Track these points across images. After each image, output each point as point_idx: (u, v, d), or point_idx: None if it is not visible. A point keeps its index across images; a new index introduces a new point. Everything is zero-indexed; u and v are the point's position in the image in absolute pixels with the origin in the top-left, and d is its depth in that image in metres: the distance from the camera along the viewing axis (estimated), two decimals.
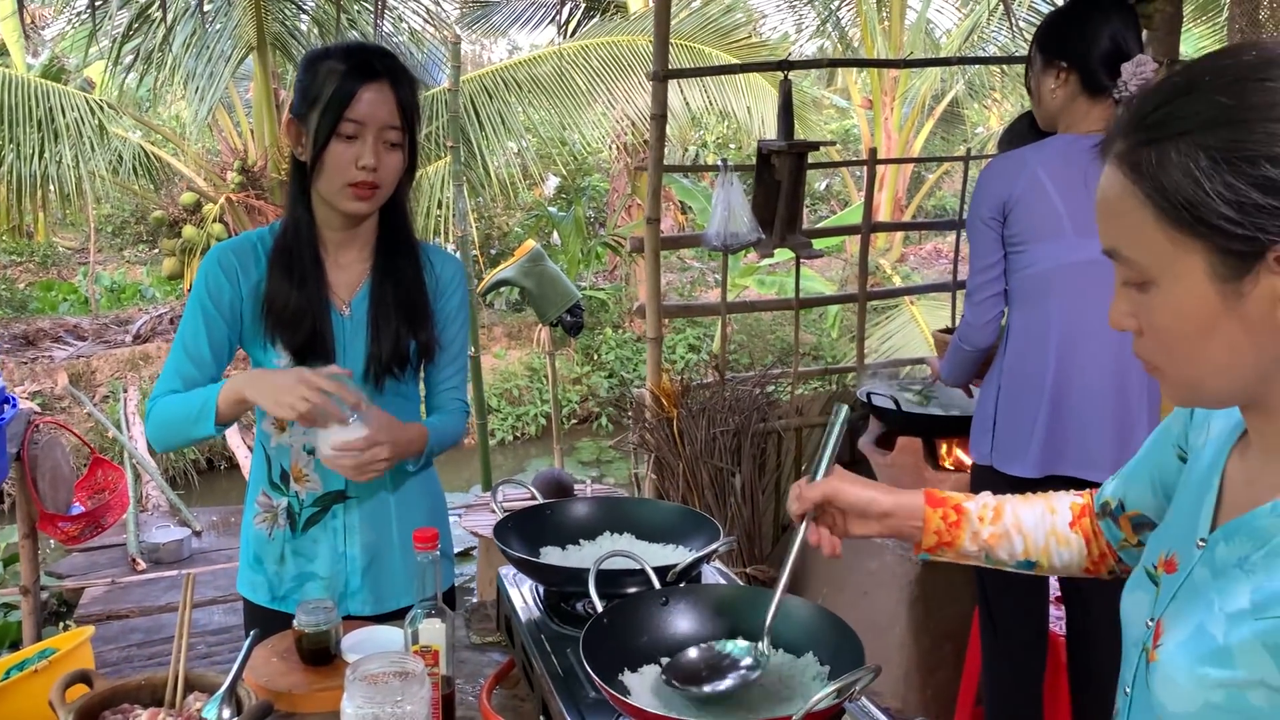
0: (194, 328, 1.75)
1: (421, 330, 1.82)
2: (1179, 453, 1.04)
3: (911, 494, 1.21)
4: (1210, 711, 0.82)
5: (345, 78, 1.66)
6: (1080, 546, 1.19)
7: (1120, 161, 0.83)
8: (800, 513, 1.20)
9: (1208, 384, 0.85)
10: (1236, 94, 0.77)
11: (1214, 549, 0.88)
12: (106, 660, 3.71)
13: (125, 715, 1.43)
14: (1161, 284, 0.82)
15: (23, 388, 7.83)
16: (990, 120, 14.13)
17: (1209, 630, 0.83)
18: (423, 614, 1.40)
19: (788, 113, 3.21)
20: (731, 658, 1.23)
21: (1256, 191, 0.75)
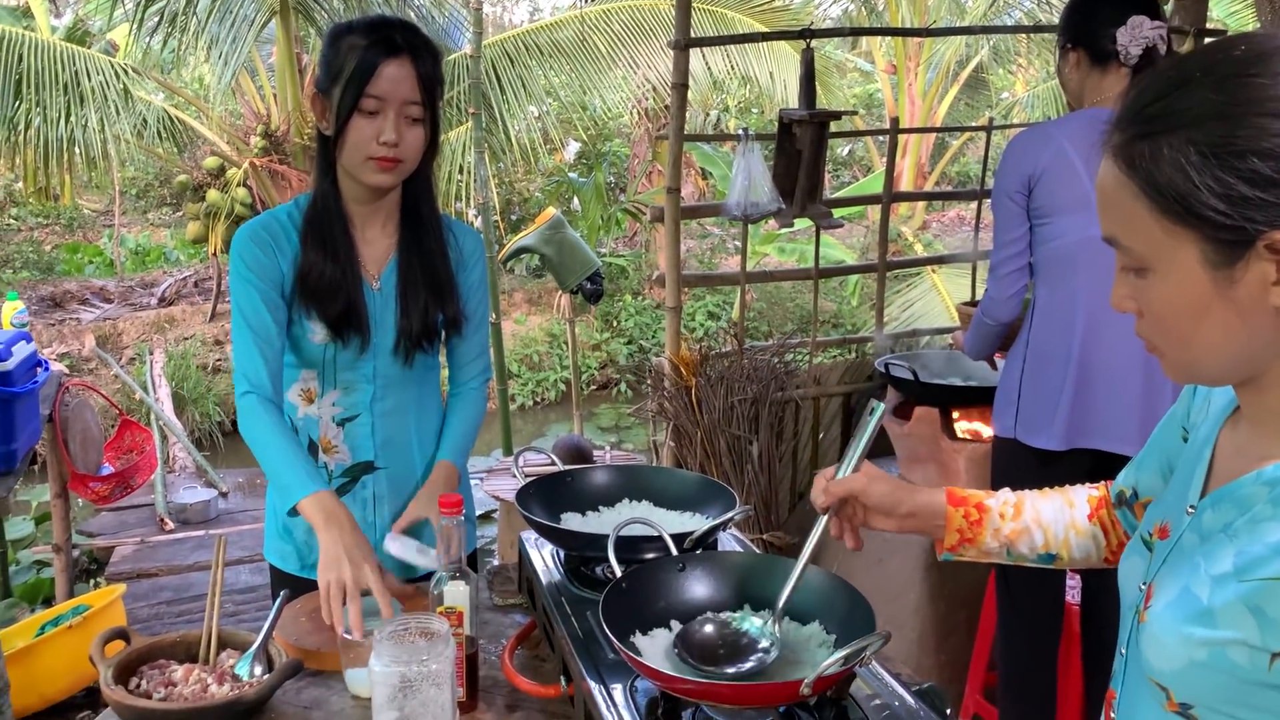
0: (252, 306, 1.73)
1: (449, 304, 1.85)
2: (1184, 434, 1.07)
3: (933, 493, 1.23)
4: (1194, 669, 0.86)
5: (366, 52, 1.67)
6: (1099, 537, 1.22)
7: (1116, 155, 0.86)
8: (825, 506, 1.22)
9: (1203, 364, 0.88)
10: (1226, 89, 0.81)
11: (1201, 515, 0.92)
12: (137, 617, 3.80)
13: (162, 670, 1.48)
14: (1158, 270, 0.86)
15: (51, 349, 7.94)
16: (1015, 86, 13.97)
17: (1194, 592, 0.87)
18: (447, 577, 1.44)
19: (810, 82, 3.20)
20: (749, 637, 1.26)
21: (1244, 185, 0.79)
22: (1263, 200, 0.79)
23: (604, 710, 1.25)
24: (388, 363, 1.83)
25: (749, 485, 3.26)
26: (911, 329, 6.96)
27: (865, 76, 14.95)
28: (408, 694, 1.28)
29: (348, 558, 1.53)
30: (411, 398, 1.90)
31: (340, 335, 1.77)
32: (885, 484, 1.21)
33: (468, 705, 1.47)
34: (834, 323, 10.02)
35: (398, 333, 1.82)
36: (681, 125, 3.24)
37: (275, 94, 8.39)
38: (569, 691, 1.40)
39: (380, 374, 1.84)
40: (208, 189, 8.05)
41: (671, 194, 3.27)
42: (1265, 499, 0.86)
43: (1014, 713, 2.52)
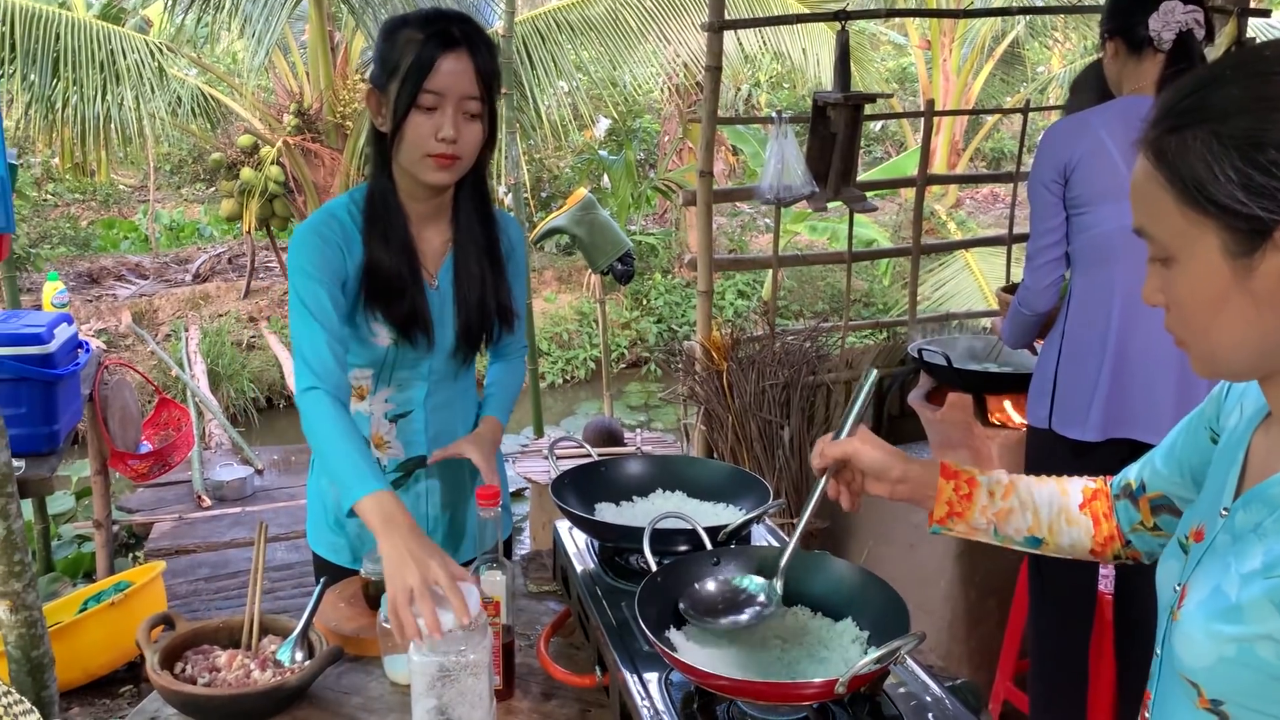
0: (318, 302, 1.66)
1: (503, 300, 1.84)
2: (1211, 435, 1.08)
3: (927, 463, 1.26)
4: (1223, 665, 0.88)
5: (424, 47, 1.63)
6: (1088, 528, 1.24)
7: (1148, 149, 0.90)
8: (821, 468, 1.26)
9: (1222, 356, 0.91)
10: (1251, 86, 0.85)
11: (1234, 516, 0.94)
12: (176, 593, 3.87)
13: (206, 655, 1.51)
14: (1181, 260, 0.89)
15: (88, 325, 8.04)
16: (1052, 61, 13.76)
17: (1224, 590, 0.90)
18: (485, 567, 1.47)
19: (844, 64, 3.18)
20: (748, 593, 1.32)
21: (1261, 174, 0.82)
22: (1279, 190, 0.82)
23: (639, 701, 1.26)
24: (444, 360, 1.83)
25: (780, 470, 3.26)
26: (945, 311, 6.92)
27: (898, 50, 14.77)
28: (446, 684, 1.30)
29: (412, 559, 1.39)
30: (459, 391, 1.90)
31: (408, 337, 1.75)
32: (879, 449, 1.24)
33: (504, 693, 1.49)
34: (865, 302, 9.97)
35: (457, 332, 1.80)
36: (715, 108, 3.22)
37: (308, 72, 8.42)
38: (604, 681, 1.42)
39: (435, 371, 1.83)
40: (242, 167, 8.10)
41: (704, 177, 3.26)
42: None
43: (1045, 700, 2.52)
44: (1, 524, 2.52)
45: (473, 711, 1.32)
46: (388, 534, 1.45)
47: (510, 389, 1.96)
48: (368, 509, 1.49)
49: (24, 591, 2.56)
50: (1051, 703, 2.51)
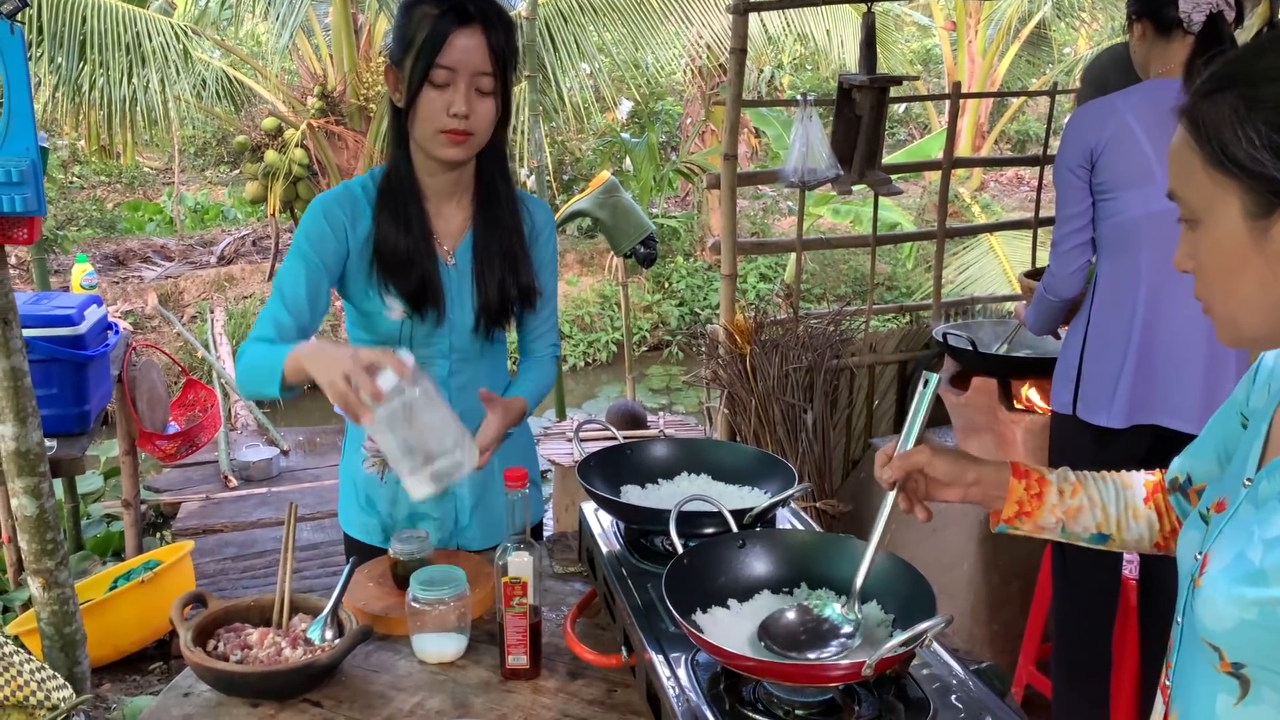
0: (294, 276, 1.73)
1: (523, 279, 1.84)
2: (1242, 420, 1.10)
3: (998, 465, 1.25)
4: (1245, 628, 0.91)
5: (438, 22, 1.65)
6: (1153, 521, 1.24)
7: (1183, 114, 0.94)
8: (892, 482, 1.23)
9: (1243, 318, 0.94)
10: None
11: (1258, 486, 0.96)
12: (204, 572, 3.92)
13: (237, 633, 1.54)
14: (1206, 222, 0.93)
15: (115, 307, 8.12)
16: (1078, 42, 13.61)
17: (1248, 555, 0.92)
18: (512, 548, 1.48)
19: (870, 46, 3.16)
20: (830, 623, 1.26)
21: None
22: None
23: (665, 682, 1.28)
24: (464, 338, 1.84)
25: (803, 453, 3.27)
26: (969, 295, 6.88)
27: (923, 31, 14.64)
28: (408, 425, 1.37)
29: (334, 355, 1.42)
30: (484, 371, 1.90)
31: (417, 310, 1.76)
32: (949, 456, 1.23)
33: (530, 672, 1.51)
34: (889, 285, 9.93)
35: (477, 309, 1.81)
36: (739, 91, 3.21)
37: (331, 54, 8.43)
38: (630, 662, 1.43)
39: (455, 349, 1.84)
40: (266, 149, 8.14)
41: (728, 160, 3.25)
42: None
43: (1068, 685, 2.52)
44: (34, 503, 2.56)
45: (444, 439, 1.40)
46: (311, 354, 1.48)
47: (539, 384, 1.94)
48: (290, 357, 1.53)
49: (56, 569, 2.61)
50: (1075, 687, 2.51)
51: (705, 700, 1.23)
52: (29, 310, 2.89)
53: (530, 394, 1.89)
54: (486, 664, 1.55)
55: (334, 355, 1.42)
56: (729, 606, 1.34)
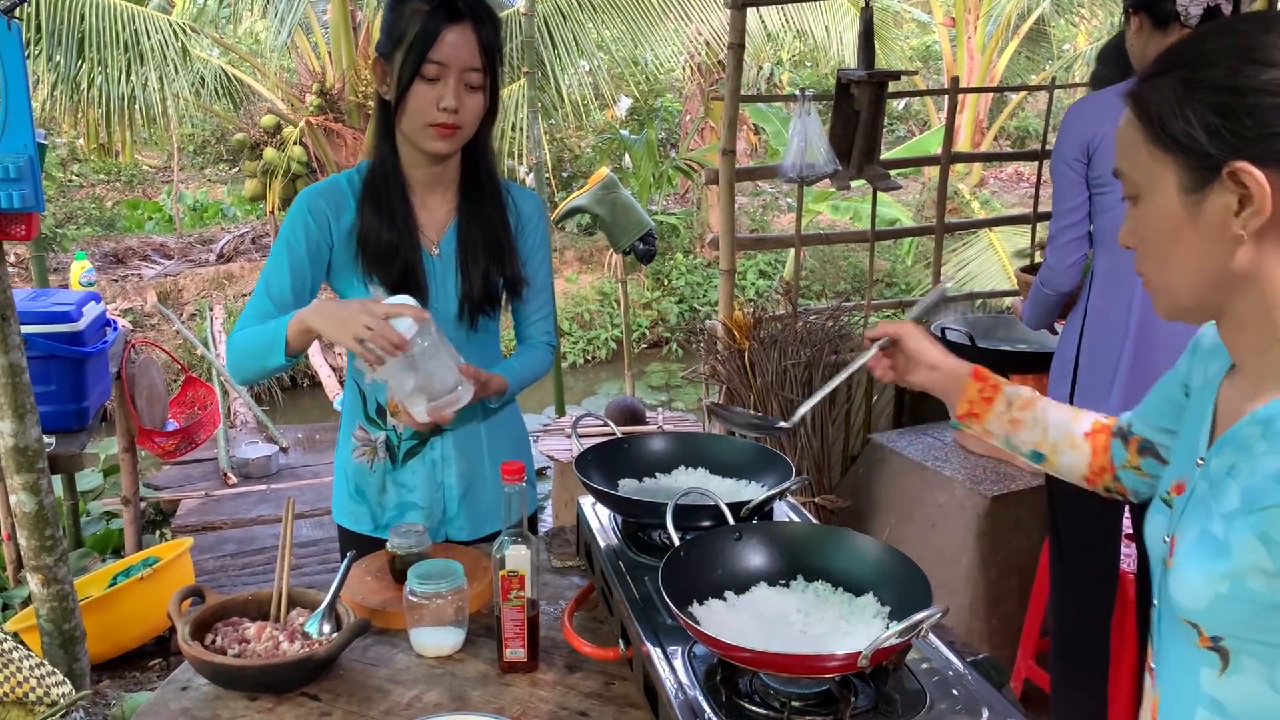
0: (279, 269, 1.78)
1: (508, 267, 1.88)
2: (1184, 389, 1.17)
3: (962, 362, 1.39)
4: (1219, 603, 0.94)
5: (429, 18, 1.68)
6: (1086, 454, 1.33)
7: (1130, 97, 1.01)
8: (874, 337, 1.42)
9: (1176, 288, 1.01)
10: (1222, 42, 0.95)
11: (1209, 464, 1.02)
12: (203, 569, 3.92)
13: (235, 627, 1.54)
14: (1146, 196, 1.00)
15: (115, 305, 8.12)
16: (1078, 38, 13.60)
17: (1211, 531, 0.96)
18: (509, 541, 1.48)
19: (869, 41, 3.16)
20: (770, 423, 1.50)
21: (1214, 115, 0.92)
22: (1229, 130, 0.92)
23: (663, 673, 1.28)
24: (450, 328, 1.85)
25: (801, 448, 3.27)
26: (968, 290, 6.87)
27: (922, 28, 14.63)
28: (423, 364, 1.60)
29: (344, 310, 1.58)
30: (471, 359, 1.92)
31: None
32: (926, 338, 1.40)
33: (529, 665, 1.51)
34: (888, 281, 9.92)
35: (460, 298, 1.85)
36: (737, 86, 3.21)
37: (330, 52, 8.43)
38: (627, 654, 1.43)
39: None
40: (264, 147, 8.14)
41: (726, 156, 3.25)
42: (1260, 436, 0.96)
43: (1067, 679, 2.52)
44: (33, 499, 2.56)
45: (447, 376, 1.64)
46: (317, 313, 1.62)
47: (526, 367, 1.97)
48: (293, 320, 1.64)
49: (55, 566, 2.61)
50: (1073, 681, 2.51)
51: (702, 692, 1.23)
52: (27, 307, 2.89)
53: (513, 374, 1.91)
54: (484, 657, 1.55)
55: (347, 313, 1.56)
56: (725, 599, 1.34)
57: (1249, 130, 0.91)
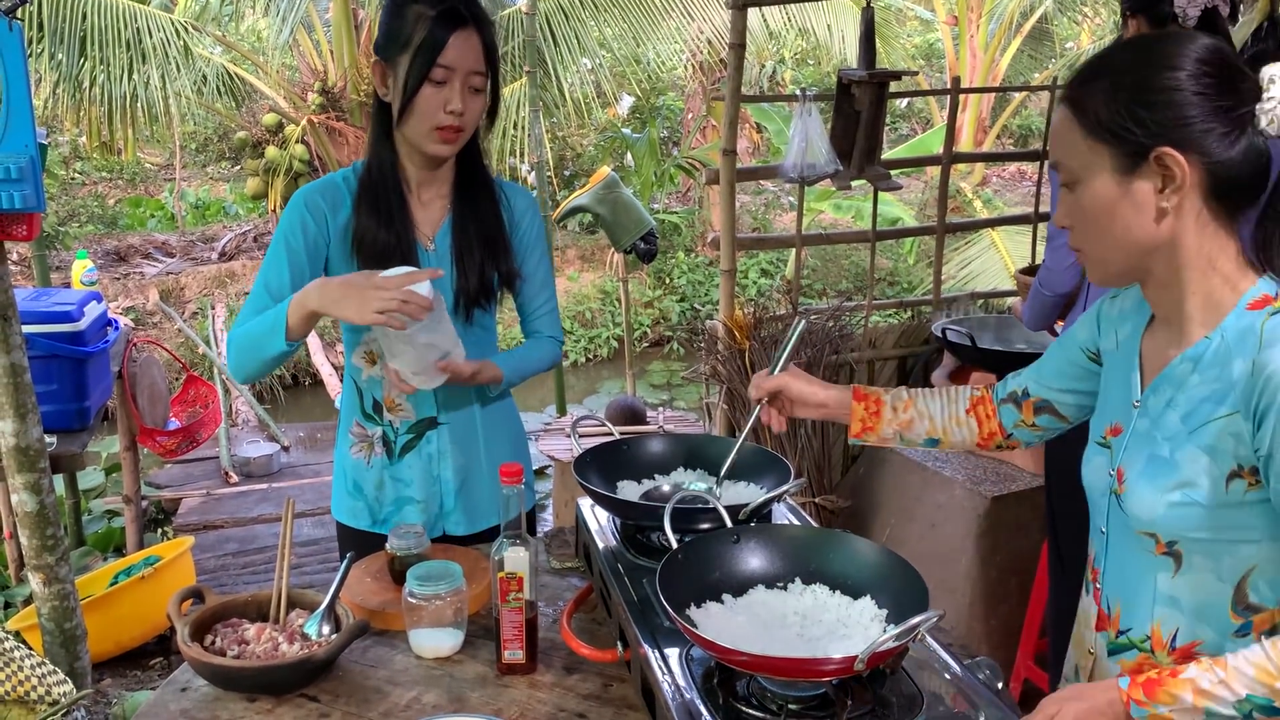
0: (277, 266, 1.80)
1: (502, 262, 1.91)
2: (1088, 355, 1.39)
3: (843, 389, 1.56)
4: (1172, 510, 1.16)
5: (435, 24, 1.71)
6: (973, 427, 1.53)
7: (1065, 100, 1.19)
8: (757, 398, 1.57)
9: (1111, 258, 1.20)
10: (1138, 52, 1.17)
11: (1146, 403, 1.23)
12: (204, 568, 3.93)
13: (234, 628, 1.54)
14: (1084, 180, 1.17)
15: (116, 303, 8.13)
16: (1081, 36, 13.58)
17: (1159, 455, 1.18)
18: (508, 543, 1.48)
19: (870, 41, 3.16)
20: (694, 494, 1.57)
21: (1142, 108, 1.12)
22: (1153, 120, 1.11)
23: (660, 676, 1.28)
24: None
25: (801, 449, 3.27)
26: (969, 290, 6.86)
27: (925, 25, 14.61)
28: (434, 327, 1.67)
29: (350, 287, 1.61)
30: (470, 356, 1.93)
31: None
32: (805, 381, 1.56)
33: (527, 667, 1.51)
34: (890, 280, 9.91)
35: (455, 291, 1.87)
36: (738, 86, 3.21)
37: (332, 50, 8.43)
38: (625, 656, 1.43)
39: None
40: (266, 146, 8.14)
41: (727, 156, 3.25)
42: (1191, 371, 1.17)
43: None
44: (34, 499, 2.57)
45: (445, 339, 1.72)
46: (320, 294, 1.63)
47: (528, 358, 1.98)
48: (293, 303, 1.66)
49: (57, 565, 2.61)
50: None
51: (699, 694, 1.23)
52: (29, 307, 2.90)
53: (509, 365, 1.91)
54: (483, 659, 1.56)
55: (357, 289, 1.59)
56: (723, 601, 1.34)
57: (1168, 120, 1.10)
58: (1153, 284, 1.20)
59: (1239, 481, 1.12)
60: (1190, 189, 1.12)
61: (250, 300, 1.80)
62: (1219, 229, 1.15)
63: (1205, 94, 1.10)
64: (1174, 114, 1.11)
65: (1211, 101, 1.10)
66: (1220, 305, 1.16)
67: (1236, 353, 1.13)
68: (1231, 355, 1.13)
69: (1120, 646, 1.27)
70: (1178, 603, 1.19)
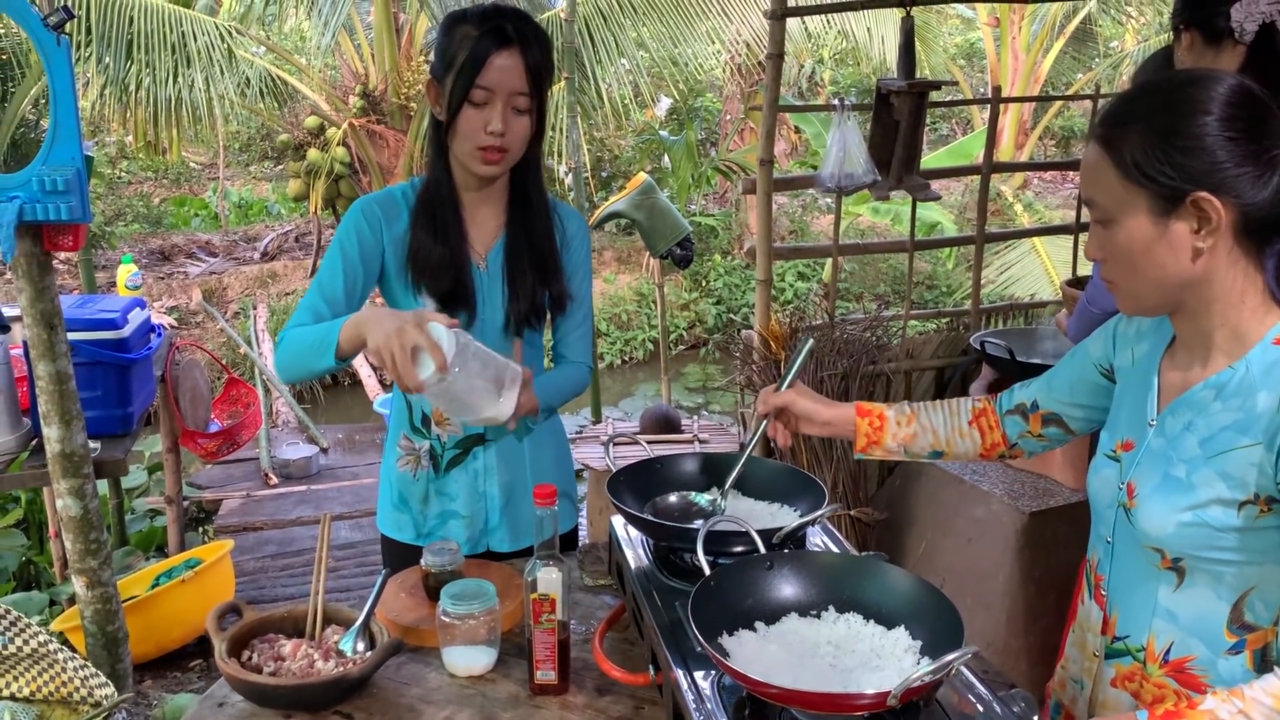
0: (332, 271, 1.82)
1: (554, 283, 1.91)
2: (1101, 371, 1.42)
3: (846, 406, 1.59)
4: (1182, 529, 1.20)
5: (478, 43, 1.72)
6: (976, 439, 1.57)
7: (1098, 138, 1.21)
8: (763, 413, 1.61)
9: (1145, 293, 1.22)
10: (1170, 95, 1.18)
11: (1164, 424, 1.26)
12: (243, 570, 3.98)
13: (271, 644, 1.56)
14: (1119, 220, 1.20)
15: (160, 303, 8.25)
16: (1125, 37, 13.38)
17: (1173, 474, 1.22)
18: (540, 564, 1.49)
19: (909, 51, 3.13)
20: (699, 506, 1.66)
21: (1179, 154, 1.14)
22: (1189, 166, 1.14)
23: (690, 702, 1.28)
24: (497, 339, 1.88)
25: (838, 460, 3.25)
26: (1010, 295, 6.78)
27: (966, 24, 14.46)
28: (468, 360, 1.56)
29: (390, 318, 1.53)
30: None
31: (449, 310, 1.83)
32: (810, 398, 1.60)
33: (559, 688, 1.52)
34: (929, 284, 9.84)
35: (506, 310, 1.88)
36: (776, 96, 3.19)
37: (373, 54, 8.49)
38: (658, 680, 1.43)
39: (489, 347, 1.88)
40: (308, 148, 8.23)
41: (764, 166, 3.24)
42: (1213, 398, 1.21)
43: None
44: (78, 504, 2.62)
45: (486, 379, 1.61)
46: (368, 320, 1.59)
47: (562, 387, 1.98)
48: (346, 324, 1.63)
49: (100, 569, 2.66)
50: None
51: None
52: (74, 314, 2.94)
53: (545, 392, 1.91)
54: (515, 678, 1.56)
55: (385, 331, 1.52)
56: (755, 630, 1.34)
57: (1202, 166, 1.13)
58: (1182, 314, 1.24)
59: (1252, 508, 1.16)
60: (1224, 229, 1.16)
61: (305, 300, 1.82)
62: (1249, 264, 1.19)
63: (1235, 139, 1.13)
64: (1207, 160, 1.14)
65: (1243, 146, 1.13)
66: (1246, 337, 1.20)
67: (1262, 385, 1.17)
68: (1256, 387, 1.17)
69: (1116, 651, 1.33)
70: (1175, 617, 1.24)
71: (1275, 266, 1.20)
